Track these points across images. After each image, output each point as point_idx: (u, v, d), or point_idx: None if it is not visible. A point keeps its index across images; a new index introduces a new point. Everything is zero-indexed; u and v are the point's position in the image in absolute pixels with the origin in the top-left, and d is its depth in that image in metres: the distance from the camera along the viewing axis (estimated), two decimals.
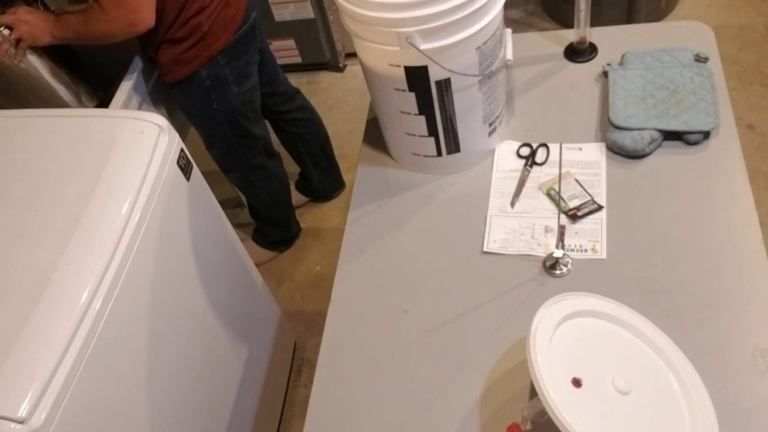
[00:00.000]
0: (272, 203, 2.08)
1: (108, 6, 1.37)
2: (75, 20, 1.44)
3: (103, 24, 1.40)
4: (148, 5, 1.40)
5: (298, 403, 1.87)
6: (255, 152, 1.87)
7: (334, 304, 1.10)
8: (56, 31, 1.47)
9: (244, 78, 1.68)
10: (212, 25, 1.54)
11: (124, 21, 1.39)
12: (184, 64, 1.57)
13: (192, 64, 1.57)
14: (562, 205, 1.13)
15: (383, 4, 0.97)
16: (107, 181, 1.13)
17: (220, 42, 1.57)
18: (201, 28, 1.52)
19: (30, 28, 1.46)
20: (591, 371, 0.81)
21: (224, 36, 1.57)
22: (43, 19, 1.47)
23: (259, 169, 1.92)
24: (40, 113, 1.33)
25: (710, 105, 1.17)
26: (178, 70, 1.58)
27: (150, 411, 1.17)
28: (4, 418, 0.88)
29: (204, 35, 1.54)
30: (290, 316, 2.04)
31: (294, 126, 2.08)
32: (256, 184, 1.97)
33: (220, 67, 1.60)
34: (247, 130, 1.79)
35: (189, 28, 1.51)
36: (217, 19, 1.54)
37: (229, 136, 1.77)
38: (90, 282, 1.02)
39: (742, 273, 1.00)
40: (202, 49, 1.56)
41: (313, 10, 2.52)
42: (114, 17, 1.39)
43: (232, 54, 1.62)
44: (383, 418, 0.96)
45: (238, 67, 1.65)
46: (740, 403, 0.88)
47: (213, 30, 1.55)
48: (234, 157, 1.86)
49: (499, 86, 1.17)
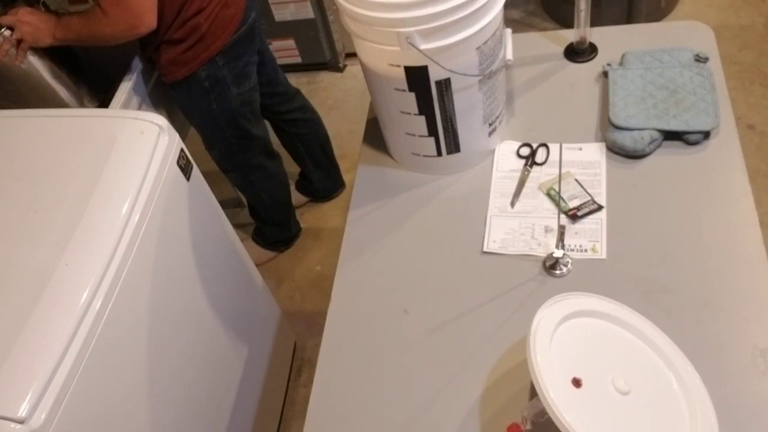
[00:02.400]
0: (272, 203, 2.08)
1: (109, 8, 1.37)
2: (76, 22, 1.44)
3: (105, 26, 1.39)
4: (150, 8, 1.40)
5: (298, 403, 1.87)
6: (254, 153, 1.87)
7: (334, 304, 1.10)
8: (57, 33, 1.46)
9: (243, 79, 1.68)
10: (211, 26, 1.53)
11: (126, 23, 1.39)
12: (183, 65, 1.57)
13: (190, 64, 1.57)
14: (562, 205, 1.13)
15: (383, 4, 0.97)
16: (107, 181, 1.13)
17: (219, 43, 1.57)
18: (199, 29, 1.52)
19: (31, 29, 1.46)
20: (591, 371, 0.81)
21: (223, 37, 1.57)
22: (45, 20, 1.46)
23: (258, 169, 1.92)
24: (40, 113, 1.33)
25: (710, 105, 1.17)
26: (177, 70, 1.58)
27: (150, 411, 1.17)
28: (4, 418, 0.88)
29: (202, 36, 1.53)
30: (290, 316, 2.04)
31: (294, 126, 2.08)
32: (256, 184, 1.97)
33: (218, 67, 1.60)
34: (246, 130, 1.79)
35: (187, 29, 1.51)
36: (215, 20, 1.54)
37: (229, 136, 1.77)
38: (90, 282, 1.02)
39: (742, 273, 1.00)
40: (200, 50, 1.56)
41: (313, 10, 2.52)
42: (115, 20, 1.38)
43: (231, 55, 1.61)
44: (383, 418, 0.96)
45: (237, 68, 1.65)
46: (740, 403, 0.88)
47: (211, 31, 1.54)
48: (233, 158, 1.86)
49: (499, 86, 1.17)
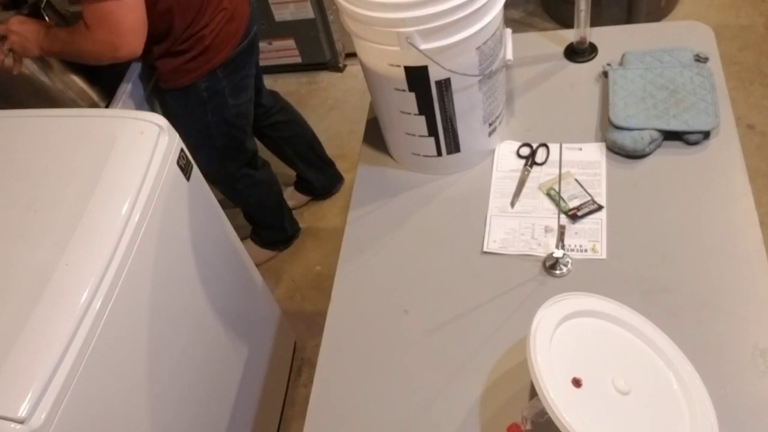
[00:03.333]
0: (261, 208, 2.08)
1: (93, 24, 1.29)
2: (63, 35, 1.39)
3: (86, 43, 1.33)
4: (133, 28, 1.31)
5: (298, 403, 1.87)
6: (240, 164, 1.87)
7: (334, 304, 1.10)
8: (44, 44, 1.42)
9: (240, 91, 1.68)
10: (215, 39, 1.53)
11: (107, 43, 1.31)
12: (183, 75, 1.56)
13: (191, 75, 1.56)
14: (562, 205, 1.13)
15: (383, 4, 0.97)
16: (107, 181, 1.13)
17: (221, 56, 1.57)
18: (203, 42, 1.52)
19: (20, 39, 1.42)
20: (591, 371, 0.81)
21: (225, 50, 1.57)
22: (34, 31, 1.42)
23: (244, 178, 1.91)
24: (40, 113, 1.33)
25: (710, 105, 1.17)
26: (177, 79, 1.57)
27: (150, 411, 1.17)
28: (4, 418, 0.88)
29: (206, 49, 1.53)
30: (290, 316, 2.04)
31: (276, 130, 2.06)
32: (243, 192, 1.97)
33: (218, 79, 1.60)
34: (239, 142, 1.79)
35: (192, 42, 1.51)
36: (219, 34, 1.54)
37: (219, 146, 1.76)
38: (90, 282, 1.02)
39: (742, 273, 1.00)
40: (202, 62, 1.55)
41: (313, 10, 2.52)
42: (97, 38, 1.31)
43: (232, 68, 1.61)
44: (383, 418, 0.96)
45: (235, 80, 1.64)
46: (740, 403, 0.88)
47: (215, 44, 1.54)
48: (219, 168, 1.84)
49: (499, 86, 1.17)
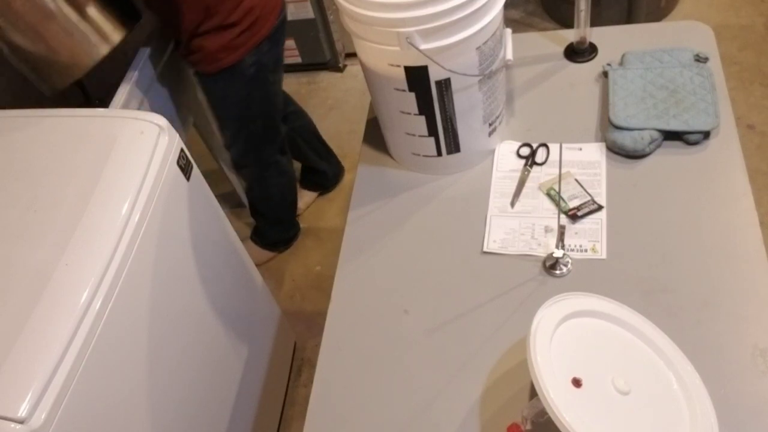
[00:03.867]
0: (280, 200, 2.08)
1: None
2: None
3: None
4: None
5: (298, 403, 1.87)
6: (275, 148, 1.88)
7: (334, 304, 1.10)
8: None
9: (279, 65, 1.70)
10: (263, 9, 1.54)
11: None
12: (233, 50, 1.56)
13: (240, 50, 1.56)
14: (562, 205, 1.13)
15: (383, 4, 0.97)
16: (107, 181, 1.13)
17: (267, 26, 1.58)
18: (253, 12, 1.52)
19: None
20: (591, 371, 0.81)
21: (270, 20, 1.58)
22: None
23: (273, 165, 1.93)
24: (40, 113, 1.33)
25: (710, 105, 1.17)
26: (226, 57, 1.56)
27: (150, 411, 1.17)
28: (4, 418, 0.88)
29: (256, 19, 1.54)
30: (290, 316, 2.04)
31: (288, 121, 2.07)
32: (269, 180, 1.97)
33: (263, 53, 1.61)
34: (276, 122, 1.81)
35: (242, 12, 1.51)
36: (267, 3, 1.55)
37: (258, 128, 1.78)
38: (90, 282, 1.02)
39: (742, 273, 1.00)
40: (252, 34, 1.56)
41: (313, 10, 2.52)
42: None
43: (274, 40, 1.62)
44: (383, 418, 0.96)
45: (276, 54, 1.66)
46: (740, 403, 0.88)
47: (263, 14, 1.55)
48: (255, 153, 1.86)
49: (499, 86, 1.17)
